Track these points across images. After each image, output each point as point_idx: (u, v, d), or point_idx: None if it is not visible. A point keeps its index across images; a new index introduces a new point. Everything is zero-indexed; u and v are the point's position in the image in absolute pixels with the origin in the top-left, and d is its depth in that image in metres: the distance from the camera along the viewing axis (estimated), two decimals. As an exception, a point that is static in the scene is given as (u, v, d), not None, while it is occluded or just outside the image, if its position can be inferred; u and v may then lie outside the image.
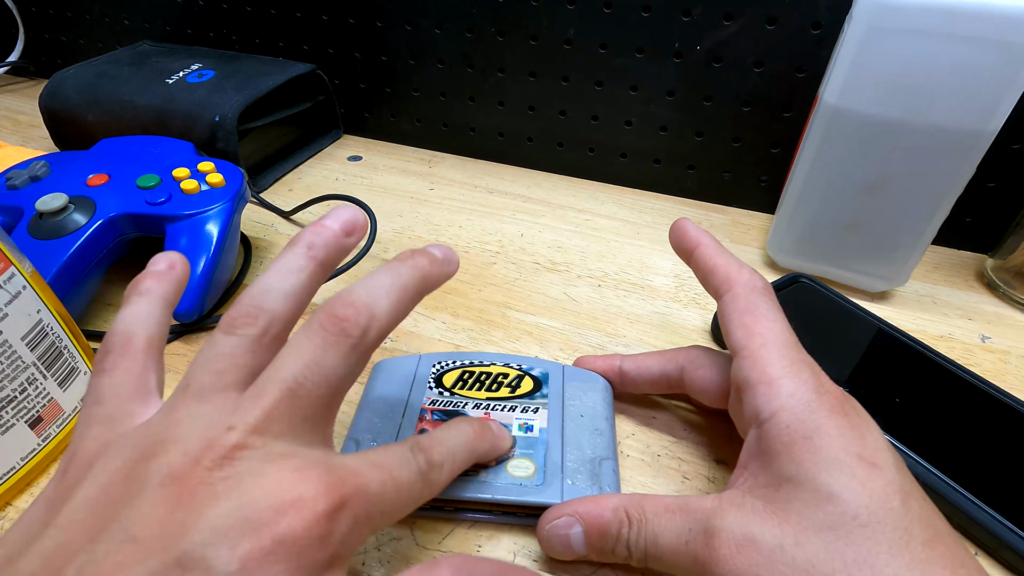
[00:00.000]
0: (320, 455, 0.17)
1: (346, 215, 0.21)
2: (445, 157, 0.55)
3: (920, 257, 0.36)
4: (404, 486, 0.18)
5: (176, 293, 0.22)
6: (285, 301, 0.19)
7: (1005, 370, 0.33)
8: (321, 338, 0.18)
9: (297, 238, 0.20)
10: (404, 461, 0.19)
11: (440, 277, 0.21)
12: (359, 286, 0.19)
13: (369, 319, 0.18)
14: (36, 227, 0.33)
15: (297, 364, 0.17)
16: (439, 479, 0.20)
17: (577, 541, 0.22)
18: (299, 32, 0.53)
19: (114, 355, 0.19)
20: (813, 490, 0.19)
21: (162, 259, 0.22)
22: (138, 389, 0.18)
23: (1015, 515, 0.24)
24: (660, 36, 0.42)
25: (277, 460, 0.16)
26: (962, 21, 0.28)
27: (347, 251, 0.21)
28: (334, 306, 0.18)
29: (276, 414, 0.17)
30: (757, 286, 0.24)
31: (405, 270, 0.20)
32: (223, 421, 0.16)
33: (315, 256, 0.20)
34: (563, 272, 0.40)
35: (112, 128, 0.46)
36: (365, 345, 0.18)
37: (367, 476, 0.17)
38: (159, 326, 0.20)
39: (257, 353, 0.18)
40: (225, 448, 0.16)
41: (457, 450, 0.21)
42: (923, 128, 0.31)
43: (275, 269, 0.19)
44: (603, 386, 0.29)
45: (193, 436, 0.16)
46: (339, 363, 0.18)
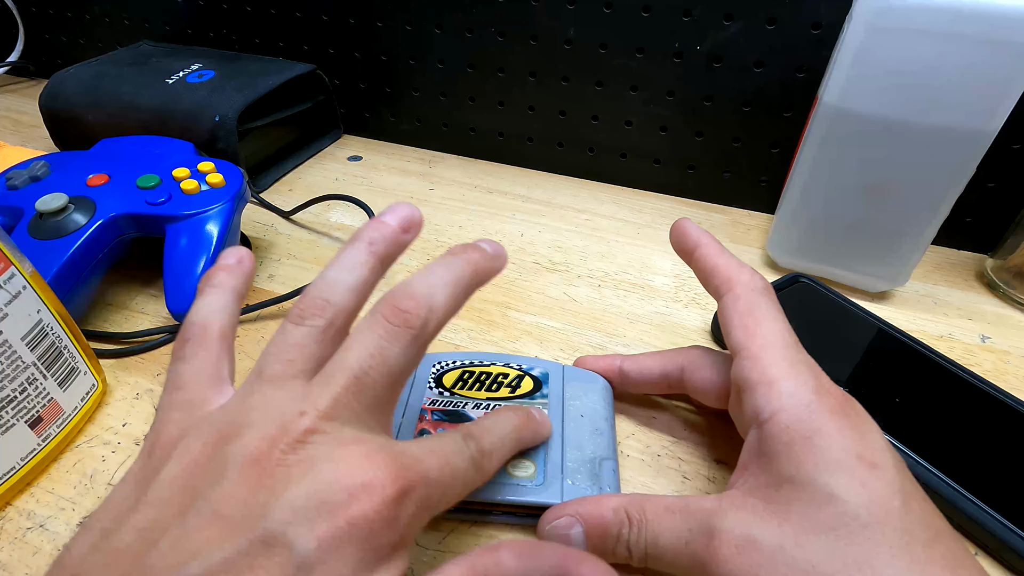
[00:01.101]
0: (385, 441, 0.17)
1: (404, 212, 0.21)
2: (445, 157, 0.55)
3: (920, 257, 0.36)
4: (460, 472, 0.19)
5: (245, 285, 0.22)
6: (349, 294, 0.20)
7: (1005, 370, 0.33)
8: (385, 329, 0.18)
9: (359, 234, 0.21)
10: (459, 449, 0.20)
11: (490, 271, 0.22)
12: (418, 279, 0.20)
13: (428, 311, 0.19)
14: (36, 227, 0.33)
15: (363, 353, 0.18)
16: (489, 466, 0.21)
17: (577, 541, 0.22)
18: (299, 32, 0.53)
19: (192, 344, 0.20)
20: (813, 491, 0.19)
21: (232, 254, 0.23)
22: (213, 376, 0.19)
23: (1015, 515, 0.24)
24: (660, 36, 0.42)
25: (347, 445, 0.17)
26: (962, 21, 0.28)
27: (404, 246, 0.21)
28: (396, 298, 0.19)
29: (344, 400, 0.17)
30: (757, 286, 0.24)
31: (459, 264, 0.20)
32: (295, 406, 0.17)
33: (376, 252, 0.20)
34: (563, 272, 0.40)
35: (112, 128, 0.46)
36: (425, 336, 0.19)
37: (428, 463, 0.18)
38: (231, 317, 0.21)
39: (323, 343, 0.19)
40: (298, 432, 0.16)
41: (505, 438, 0.22)
42: (923, 128, 0.31)
43: (339, 263, 0.20)
44: (603, 386, 0.29)
45: (268, 420, 0.17)
46: (401, 353, 0.18)
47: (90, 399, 0.29)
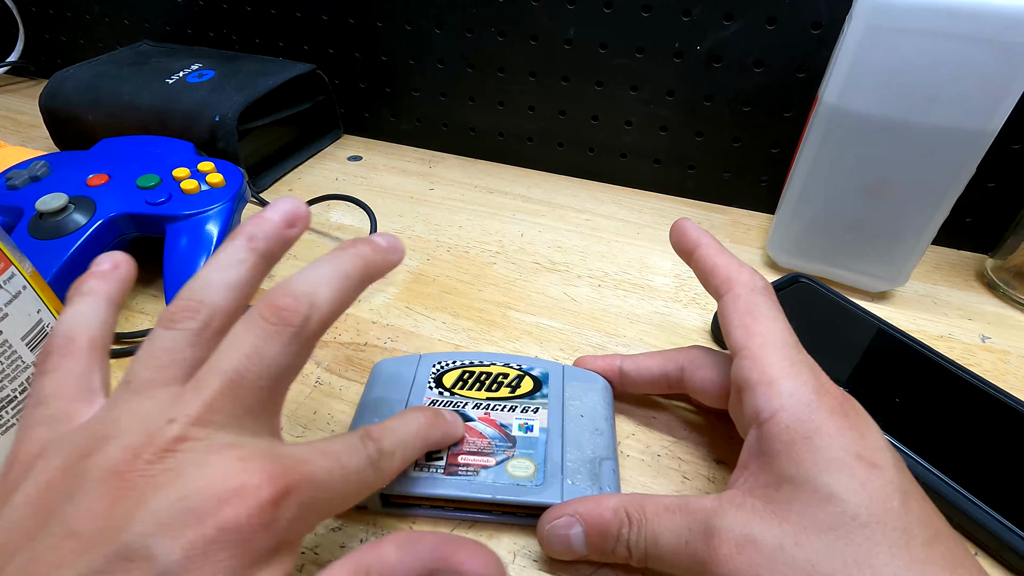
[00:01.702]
0: (265, 444, 0.17)
1: (287, 206, 0.21)
2: (445, 157, 0.55)
3: (920, 257, 0.36)
4: (353, 474, 0.18)
5: (121, 292, 0.21)
6: (226, 294, 0.19)
7: (1005, 370, 0.33)
8: (261, 328, 0.18)
9: (238, 230, 0.20)
10: (353, 449, 0.19)
11: (384, 265, 0.21)
12: (299, 276, 0.19)
13: (310, 308, 0.18)
14: (36, 227, 0.33)
15: (238, 355, 0.17)
16: (390, 467, 0.20)
17: (577, 541, 0.22)
18: (299, 32, 0.53)
19: (55, 356, 0.19)
20: (813, 490, 0.19)
21: (106, 259, 0.21)
22: (81, 389, 0.18)
23: (1015, 515, 0.24)
24: (660, 36, 0.42)
25: (220, 450, 0.16)
26: (962, 21, 0.28)
27: (290, 243, 0.21)
28: (274, 296, 0.18)
29: (218, 405, 0.17)
30: (757, 286, 0.24)
31: (346, 258, 0.20)
32: (164, 414, 0.16)
33: (256, 248, 0.20)
34: (563, 272, 0.40)
35: (112, 128, 0.46)
36: (307, 334, 0.18)
37: (314, 464, 0.17)
38: (102, 326, 0.20)
39: (198, 347, 0.18)
40: (166, 440, 0.16)
41: (408, 438, 0.22)
42: (923, 128, 0.31)
43: (216, 262, 0.19)
44: (603, 386, 0.29)
45: (133, 430, 0.16)
46: (280, 353, 0.18)
47: (90, 399, 0.29)
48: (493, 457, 0.25)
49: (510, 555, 0.24)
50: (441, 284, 0.39)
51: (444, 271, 0.40)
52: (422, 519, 0.25)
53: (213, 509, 0.15)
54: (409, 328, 0.35)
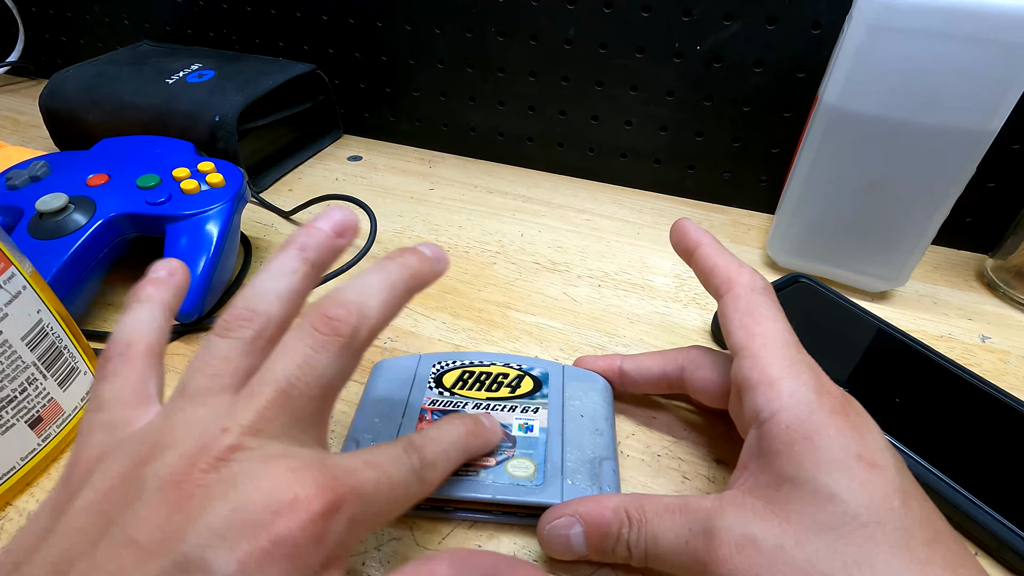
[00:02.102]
0: (315, 455, 0.17)
1: (338, 216, 0.21)
2: (445, 157, 0.55)
3: (920, 257, 0.36)
4: (399, 485, 0.18)
5: (177, 299, 0.22)
6: (279, 303, 0.19)
7: (1005, 370, 0.33)
8: (312, 338, 0.18)
9: (290, 240, 0.20)
10: (398, 460, 0.19)
11: (430, 275, 0.21)
12: (349, 286, 0.19)
13: (360, 318, 0.18)
14: (36, 227, 0.33)
15: (289, 365, 0.17)
16: (433, 477, 0.20)
17: (577, 541, 0.22)
18: (299, 32, 0.53)
19: (115, 362, 0.19)
20: (813, 490, 0.19)
21: (163, 266, 0.22)
22: (138, 395, 0.19)
23: (1015, 515, 0.24)
24: (660, 36, 0.42)
25: (272, 460, 0.16)
26: (962, 21, 0.28)
27: (339, 252, 0.21)
28: (325, 306, 0.18)
29: (270, 415, 0.17)
30: (758, 286, 0.24)
31: (395, 269, 0.20)
32: (218, 423, 0.16)
33: (308, 258, 0.20)
34: (563, 272, 0.40)
35: (112, 128, 0.46)
36: (357, 344, 0.18)
37: (362, 476, 0.17)
38: (159, 332, 0.20)
39: (252, 355, 0.18)
40: (220, 449, 0.16)
41: (451, 448, 0.22)
42: (923, 128, 0.31)
43: (268, 271, 0.20)
44: (603, 386, 0.29)
45: (188, 439, 0.16)
46: (331, 363, 0.18)
47: (90, 399, 0.29)
48: (493, 457, 0.25)
49: (510, 555, 0.24)
50: (441, 284, 0.39)
51: (444, 271, 0.40)
52: (422, 519, 0.25)
53: (267, 521, 0.15)
54: (409, 328, 0.35)
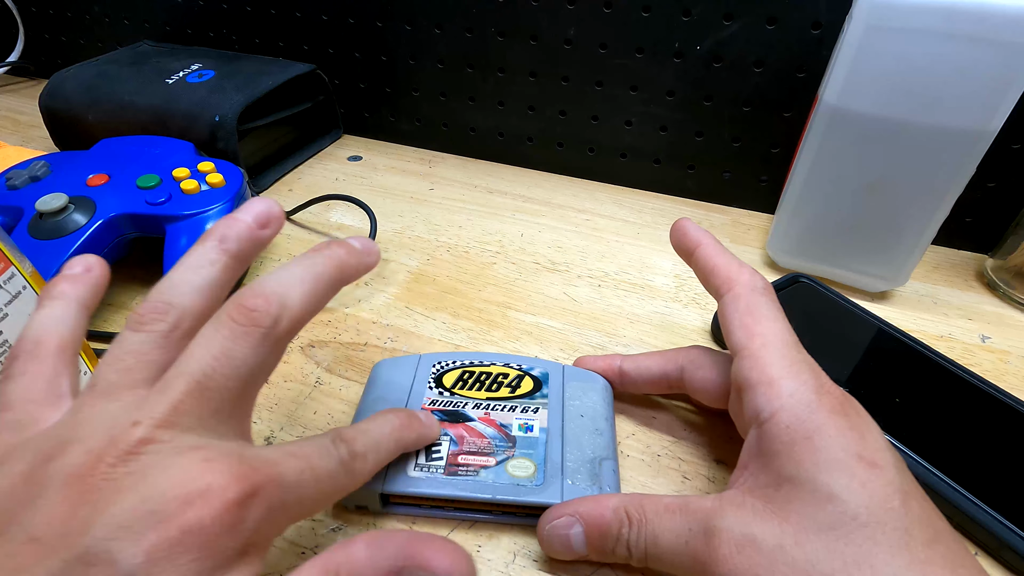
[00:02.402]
0: (233, 446, 0.17)
1: (259, 207, 0.20)
2: (445, 157, 0.55)
3: (920, 257, 0.36)
4: (324, 475, 0.18)
5: (93, 296, 0.21)
6: (195, 295, 0.19)
7: (1005, 370, 0.33)
8: (230, 329, 0.17)
9: (209, 231, 0.20)
10: (324, 451, 0.19)
11: (358, 267, 0.21)
12: (271, 276, 0.19)
13: (280, 308, 0.18)
14: (36, 227, 0.33)
15: (205, 356, 0.17)
16: (363, 468, 0.20)
17: (577, 541, 0.22)
18: (299, 32, 0.53)
19: (22, 360, 0.19)
20: (813, 490, 0.19)
21: (78, 262, 0.21)
22: (48, 393, 0.18)
23: (1015, 515, 0.24)
24: (660, 36, 0.42)
25: (186, 452, 0.16)
26: (962, 21, 0.28)
27: (263, 243, 0.21)
28: (243, 296, 0.18)
29: (184, 407, 0.16)
30: (758, 286, 0.24)
31: (320, 260, 0.20)
32: (128, 417, 0.16)
33: (227, 249, 0.20)
34: (563, 272, 0.40)
35: (112, 128, 0.46)
36: (277, 335, 0.18)
37: (283, 465, 0.17)
38: (72, 329, 0.20)
39: (166, 349, 0.18)
40: (130, 443, 0.15)
41: (381, 439, 0.22)
42: (923, 128, 0.31)
43: (184, 264, 0.19)
44: (603, 386, 0.29)
45: (96, 434, 0.16)
46: (249, 354, 0.17)
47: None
48: (493, 457, 0.25)
49: (510, 555, 0.24)
50: (441, 284, 0.39)
51: (444, 271, 0.40)
52: (422, 519, 0.25)
53: (176, 511, 0.14)
54: (409, 328, 0.35)
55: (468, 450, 0.25)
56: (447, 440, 0.26)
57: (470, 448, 0.25)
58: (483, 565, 0.24)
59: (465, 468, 0.25)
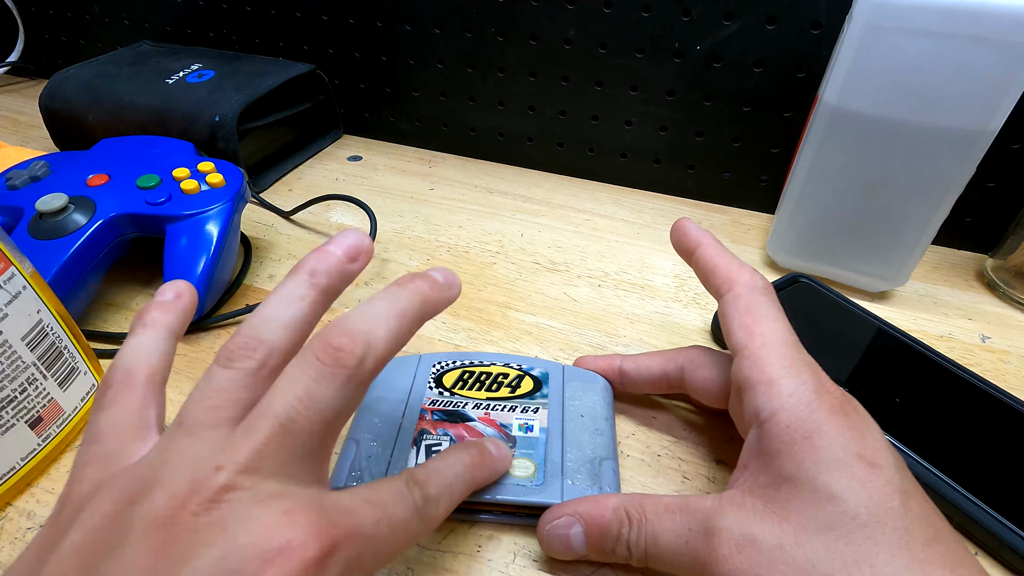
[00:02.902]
0: (313, 494, 0.16)
1: (350, 240, 0.20)
2: (445, 157, 0.55)
3: (920, 257, 0.36)
4: (399, 524, 0.18)
5: (183, 323, 0.21)
6: (285, 331, 0.18)
7: (1005, 370, 0.33)
8: (315, 369, 0.17)
9: (300, 265, 0.20)
10: (399, 497, 0.18)
11: (441, 302, 0.20)
12: (355, 313, 0.18)
13: (366, 348, 0.17)
14: (36, 227, 0.33)
15: (290, 398, 0.17)
16: (435, 514, 0.20)
17: (577, 541, 0.22)
18: (299, 32, 0.53)
19: (114, 390, 0.19)
20: (813, 490, 0.19)
21: (169, 288, 0.21)
22: (136, 426, 0.18)
23: (1015, 515, 0.24)
24: (660, 36, 0.42)
25: (266, 502, 0.15)
26: (962, 21, 0.28)
27: (352, 277, 0.20)
28: (329, 335, 0.17)
29: (267, 451, 0.16)
30: (758, 286, 0.24)
31: (404, 295, 0.19)
32: (212, 460, 0.16)
33: (318, 284, 0.19)
34: (563, 272, 0.40)
35: (112, 128, 0.46)
36: (362, 376, 0.18)
37: (361, 516, 0.17)
38: (162, 358, 0.20)
39: (254, 387, 0.18)
40: (212, 490, 0.15)
41: (455, 481, 0.21)
42: (923, 128, 0.31)
43: (276, 298, 0.19)
44: (603, 386, 0.29)
45: (180, 477, 0.15)
46: (334, 395, 0.17)
47: (90, 399, 0.29)
48: (493, 457, 0.25)
49: (510, 555, 0.24)
50: (441, 284, 0.39)
51: (444, 271, 0.40)
52: (422, 519, 0.25)
53: (256, 570, 0.14)
54: (409, 328, 0.35)
55: (468, 450, 0.25)
56: (447, 440, 0.26)
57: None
58: (483, 565, 0.24)
59: (465, 468, 0.25)
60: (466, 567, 0.24)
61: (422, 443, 0.26)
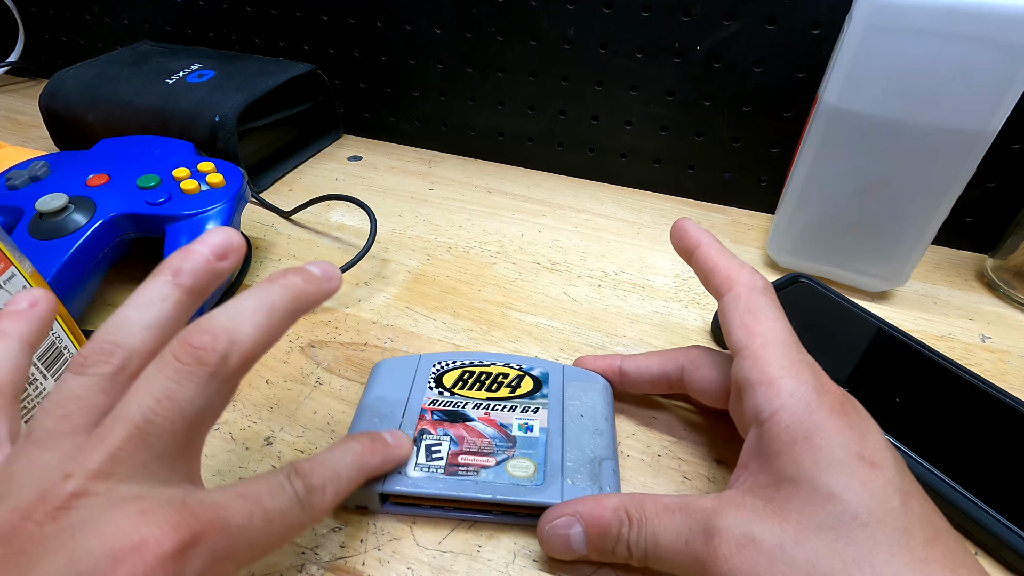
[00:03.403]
0: (175, 493, 0.16)
1: (218, 238, 0.19)
2: (445, 157, 0.55)
3: (920, 257, 0.36)
4: (276, 515, 0.18)
5: (38, 332, 0.20)
6: (145, 334, 0.18)
7: (1005, 370, 0.33)
8: (173, 369, 0.16)
9: (162, 265, 0.19)
10: (277, 489, 0.18)
11: (317, 295, 0.20)
12: (220, 310, 0.18)
13: (228, 345, 0.17)
14: (36, 227, 0.33)
15: (147, 399, 0.16)
16: (321, 502, 0.19)
17: (577, 541, 0.22)
18: (299, 32, 0.53)
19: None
20: (813, 490, 0.19)
21: (23, 297, 0.20)
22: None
23: (1015, 515, 0.24)
24: (660, 36, 0.42)
25: (121, 504, 0.15)
26: (962, 21, 0.28)
27: (221, 276, 0.19)
28: (188, 334, 0.17)
29: (123, 455, 0.15)
30: (758, 286, 0.24)
31: (275, 290, 0.19)
32: (61, 468, 0.15)
33: (182, 283, 0.18)
34: (563, 272, 0.40)
35: (112, 128, 0.46)
36: (226, 373, 0.17)
37: (229, 509, 0.16)
38: (13, 371, 0.19)
39: (111, 392, 0.17)
40: (60, 498, 0.14)
41: (342, 470, 0.21)
42: (923, 128, 0.31)
43: (134, 300, 0.18)
44: (603, 386, 0.29)
45: (26, 487, 0.15)
46: (195, 394, 0.16)
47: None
48: (493, 457, 0.25)
49: (510, 555, 0.24)
50: (441, 284, 0.39)
51: (444, 271, 0.40)
52: (422, 519, 0.25)
53: (106, 570, 0.14)
54: (409, 328, 0.35)
55: (468, 450, 0.25)
56: (447, 440, 0.26)
57: (470, 448, 0.25)
58: (483, 565, 0.24)
59: (465, 468, 0.25)
60: (466, 567, 0.24)
61: (422, 443, 0.26)
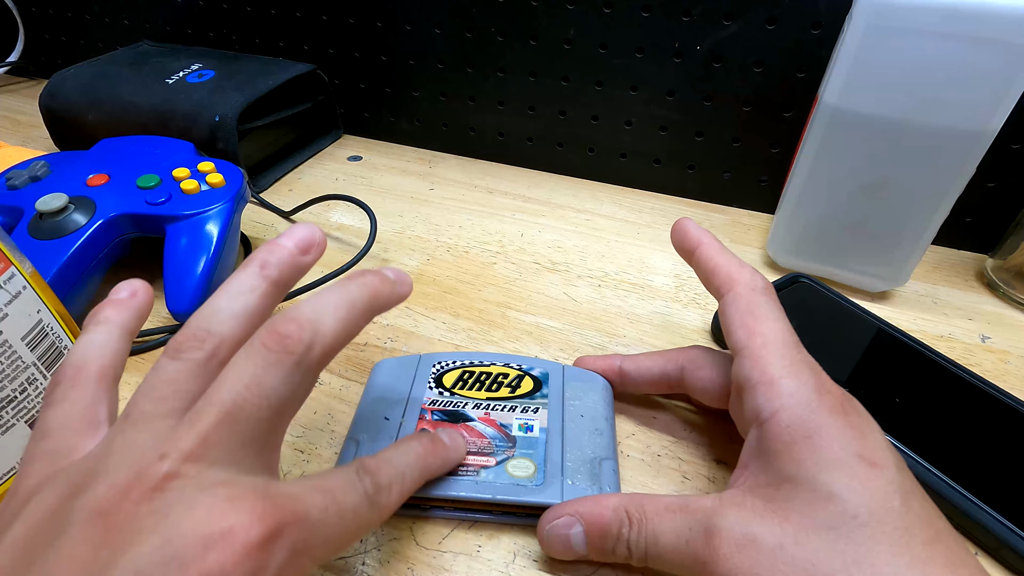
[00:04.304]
0: (259, 481, 0.16)
1: (302, 233, 0.20)
2: (445, 157, 0.55)
3: (920, 257, 0.36)
4: (349, 511, 0.18)
5: (137, 320, 0.21)
6: (235, 322, 0.18)
7: (1005, 370, 0.33)
8: (262, 356, 0.17)
9: (251, 257, 0.20)
10: (349, 485, 0.18)
11: (391, 297, 0.21)
12: (305, 303, 0.18)
13: (313, 335, 0.18)
14: (36, 227, 0.33)
15: (236, 385, 0.17)
16: (388, 502, 0.20)
17: (577, 541, 0.22)
18: (299, 32, 0.53)
19: (63, 386, 0.18)
20: (813, 490, 0.19)
21: (125, 287, 0.21)
22: (86, 421, 0.18)
23: (1015, 515, 0.24)
24: (660, 36, 0.42)
25: (210, 489, 0.15)
26: (962, 21, 0.28)
27: (304, 269, 0.20)
28: (276, 323, 0.18)
29: (213, 439, 0.16)
30: (758, 286, 0.24)
31: (354, 288, 0.19)
32: (156, 449, 0.16)
33: (268, 275, 0.19)
34: (563, 272, 0.40)
35: (112, 128, 0.46)
36: (309, 363, 0.18)
37: (308, 501, 0.17)
38: (114, 355, 0.20)
39: (203, 378, 0.18)
40: (155, 478, 0.15)
41: (406, 470, 0.21)
42: (923, 128, 0.31)
43: (226, 290, 0.19)
44: (603, 386, 0.29)
45: (123, 467, 0.15)
46: (281, 382, 0.17)
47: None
48: (493, 457, 0.25)
49: (510, 555, 0.24)
50: (441, 284, 0.39)
51: (444, 271, 0.40)
52: (422, 519, 0.25)
53: (197, 556, 0.14)
54: (409, 328, 0.35)
55: (468, 450, 0.25)
56: (447, 440, 0.26)
57: (470, 448, 0.25)
58: (483, 565, 0.24)
59: (465, 468, 0.25)
60: (466, 567, 0.24)
61: (422, 443, 0.26)
